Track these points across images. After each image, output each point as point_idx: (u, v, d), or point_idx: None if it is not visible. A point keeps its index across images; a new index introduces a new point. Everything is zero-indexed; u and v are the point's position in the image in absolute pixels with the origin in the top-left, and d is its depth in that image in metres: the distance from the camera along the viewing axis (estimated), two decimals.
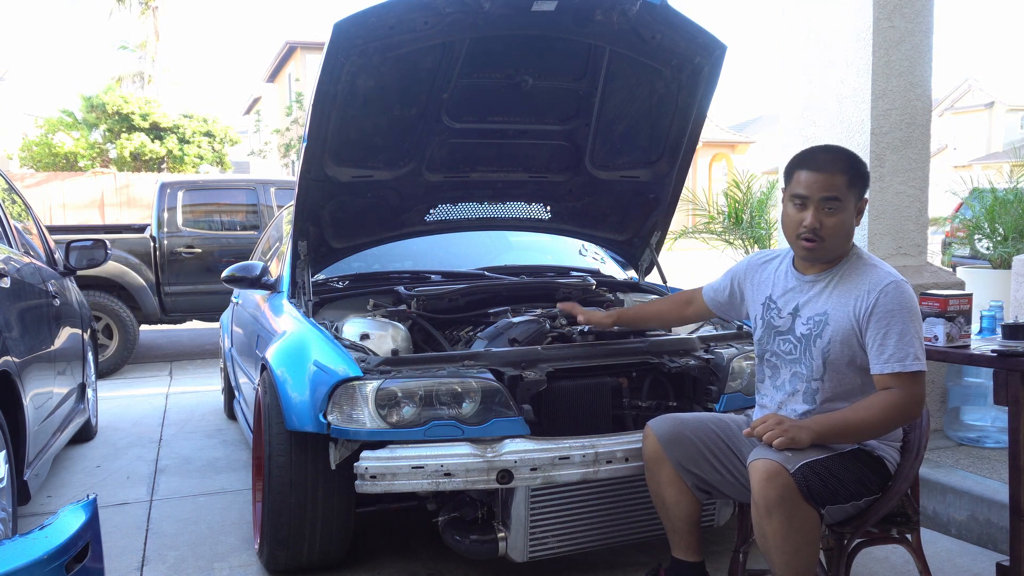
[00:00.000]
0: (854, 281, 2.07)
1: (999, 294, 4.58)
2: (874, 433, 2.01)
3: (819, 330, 2.08)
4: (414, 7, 2.56)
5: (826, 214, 2.04)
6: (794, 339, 2.14)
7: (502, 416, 2.39)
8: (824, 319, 2.08)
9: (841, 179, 2.04)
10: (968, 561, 2.80)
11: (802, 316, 2.13)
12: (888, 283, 2.02)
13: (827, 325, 2.07)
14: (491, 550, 2.41)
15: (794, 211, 2.08)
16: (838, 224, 2.04)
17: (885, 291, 2.01)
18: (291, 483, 2.50)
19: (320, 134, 2.81)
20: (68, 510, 1.58)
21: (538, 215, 3.56)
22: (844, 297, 2.07)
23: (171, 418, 5.17)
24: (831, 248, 2.08)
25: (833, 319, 2.06)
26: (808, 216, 2.04)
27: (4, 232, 3.54)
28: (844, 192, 2.04)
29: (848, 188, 2.04)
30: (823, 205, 2.03)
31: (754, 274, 2.32)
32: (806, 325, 2.11)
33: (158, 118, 19.56)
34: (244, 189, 7.70)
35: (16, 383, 2.86)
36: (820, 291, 2.12)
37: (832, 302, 2.08)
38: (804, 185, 2.05)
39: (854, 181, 2.06)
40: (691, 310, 2.58)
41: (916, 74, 3.74)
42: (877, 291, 2.01)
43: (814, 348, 2.09)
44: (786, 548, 1.89)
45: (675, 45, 2.91)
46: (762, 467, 1.90)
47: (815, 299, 2.12)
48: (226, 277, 3.61)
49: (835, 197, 2.03)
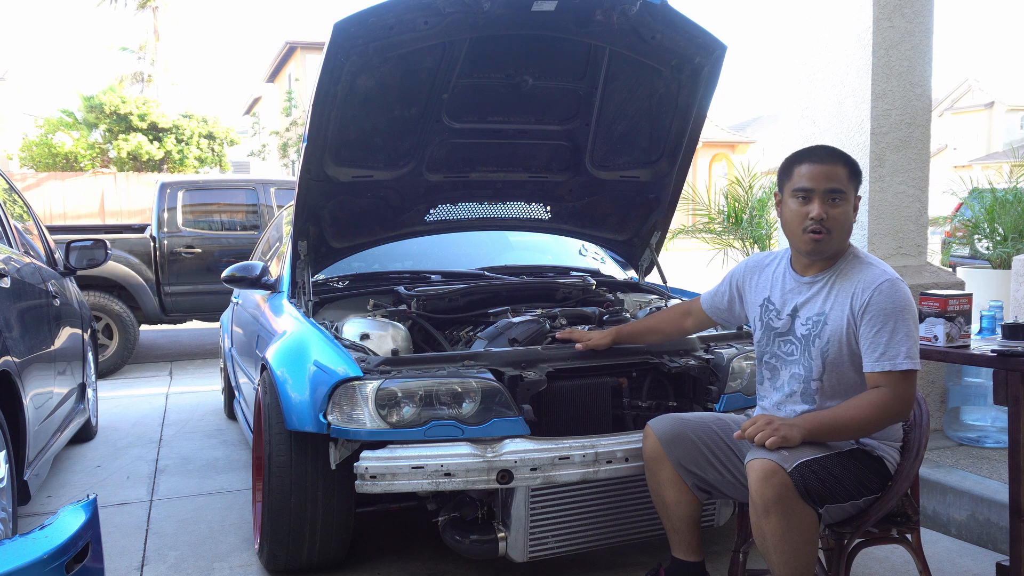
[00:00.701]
0: (851, 279, 2.08)
1: (999, 294, 4.59)
2: (864, 431, 2.01)
3: (818, 330, 2.09)
4: (414, 7, 2.56)
5: (831, 205, 2.05)
6: (794, 340, 2.14)
7: (502, 416, 2.39)
8: (823, 319, 2.08)
9: (842, 171, 2.07)
10: (968, 561, 2.80)
11: (801, 317, 2.13)
12: (883, 281, 2.03)
13: (826, 325, 2.07)
14: (491, 550, 2.41)
15: (798, 205, 2.08)
16: (843, 215, 2.06)
17: (879, 289, 2.02)
18: (291, 483, 2.50)
19: (320, 134, 2.81)
20: (68, 510, 1.58)
21: (538, 215, 3.56)
22: (841, 296, 2.08)
23: (171, 418, 5.17)
24: (836, 240, 2.09)
25: (832, 319, 2.07)
26: (814, 207, 2.05)
27: (4, 232, 3.54)
28: (846, 184, 2.07)
29: (849, 180, 2.08)
30: (828, 196, 2.05)
31: (753, 276, 2.32)
32: (805, 326, 2.12)
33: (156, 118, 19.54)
34: (244, 189, 7.70)
35: (16, 383, 2.86)
36: (818, 292, 2.12)
37: (830, 302, 2.09)
38: (808, 178, 2.06)
39: (852, 175, 2.10)
40: (690, 321, 2.57)
41: (916, 74, 3.74)
42: (872, 289, 2.02)
43: (813, 349, 2.09)
44: (784, 548, 1.89)
45: (675, 45, 2.91)
46: (759, 467, 1.90)
47: (814, 300, 2.12)
48: (226, 277, 3.61)
49: (839, 188, 2.06)
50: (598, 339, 2.63)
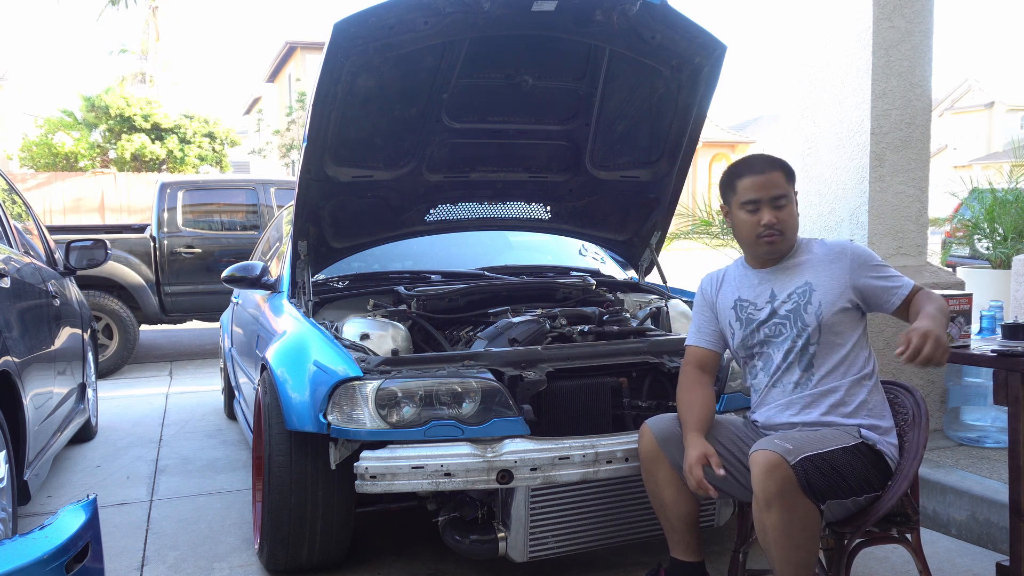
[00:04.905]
0: (816, 254, 2.23)
1: (999, 294, 4.59)
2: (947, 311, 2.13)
3: (807, 298, 2.18)
4: (414, 7, 2.57)
5: (779, 209, 2.18)
6: (779, 319, 2.20)
7: (502, 416, 2.39)
8: (807, 287, 2.18)
9: (779, 175, 2.19)
10: (968, 561, 2.80)
11: (780, 296, 2.21)
12: (845, 244, 2.23)
13: (813, 291, 2.18)
14: (491, 550, 2.41)
15: (748, 216, 2.20)
16: (789, 215, 2.19)
17: (851, 250, 2.21)
18: (291, 483, 2.50)
19: (320, 134, 2.81)
20: (68, 510, 1.58)
21: (538, 215, 3.56)
22: (817, 267, 2.20)
23: (171, 418, 5.17)
24: (789, 239, 2.22)
25: (818, 285, 2.18)
26: (765, 215, 2.17)
27: (4, 232, 3.54)
28: (785, 186, 2.19)
29: (787, 182, 2.20)
30: (774, 202, 2.17)
31: (715, 291, 2.37)
32: (789, 301, 2.20)
33: (159, 119, 19.55)
34: (244, 189, 7.70)
35: (16, 383, 2.86)
36: (788, 271, 2.23)
37: (808, 273, 2.20)
38: (752, 189, 2.19)
39: (788, 176, 2.22)
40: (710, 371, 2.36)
41: (916, 74, 3.74)
42: (847, 255, 2.19)
43: (806, 315, 2.17)
44: (785, 542, 1.90)
45: (675, 45, 2.91)
46: (762, 460, 1.92)
47: (787, 279, 2.22)
48: (226, 277, 3.61)
49: (782, 193, 2.18)
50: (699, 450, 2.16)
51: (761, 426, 2.24)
